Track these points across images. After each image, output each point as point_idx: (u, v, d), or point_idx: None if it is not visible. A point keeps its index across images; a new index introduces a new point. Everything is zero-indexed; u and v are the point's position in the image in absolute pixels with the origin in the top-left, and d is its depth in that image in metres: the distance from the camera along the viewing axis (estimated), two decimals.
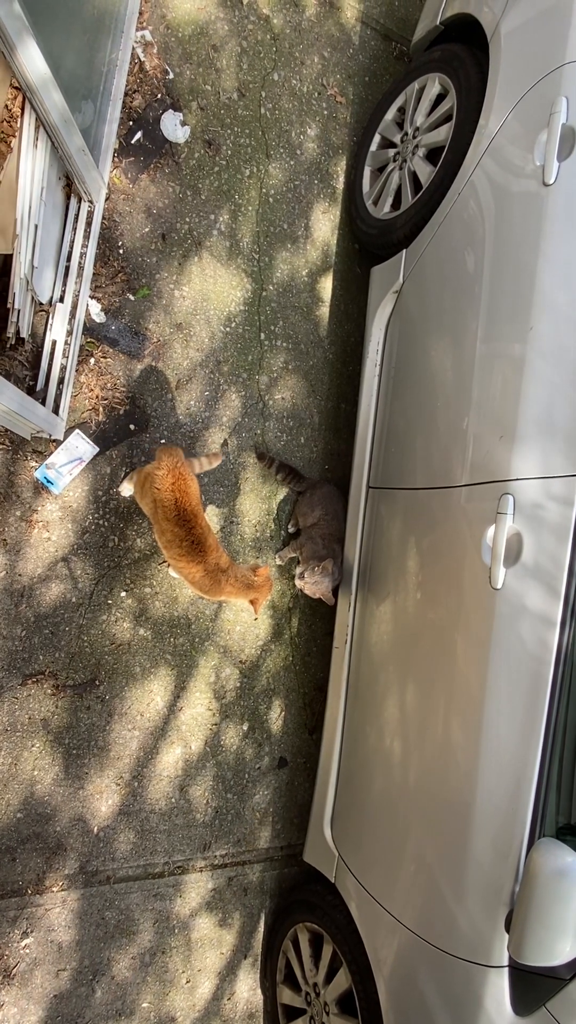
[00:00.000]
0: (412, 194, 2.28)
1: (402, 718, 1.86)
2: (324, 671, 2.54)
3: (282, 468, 2.40)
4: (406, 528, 1.98)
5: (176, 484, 1.72)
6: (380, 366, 2.27)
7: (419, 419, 2.00)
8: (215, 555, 1.82)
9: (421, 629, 1.83)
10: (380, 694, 1.97)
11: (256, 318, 2.43)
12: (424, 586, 1.85)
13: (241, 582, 1.88)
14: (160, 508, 1.72)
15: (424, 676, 1.79)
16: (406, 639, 1.90)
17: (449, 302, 1.93)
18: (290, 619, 2.52)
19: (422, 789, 1.73)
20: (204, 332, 2.31)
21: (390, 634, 1.98)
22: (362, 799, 2.01)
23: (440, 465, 1.85)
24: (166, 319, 2.23)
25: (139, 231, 2.17)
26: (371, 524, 2.19)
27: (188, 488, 1.74)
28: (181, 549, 1.75)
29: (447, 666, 1.69)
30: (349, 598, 2.22)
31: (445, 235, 1.99)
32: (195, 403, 2.29)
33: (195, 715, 2.30)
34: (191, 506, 1.74)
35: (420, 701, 1.79)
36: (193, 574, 1.80)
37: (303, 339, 2.55)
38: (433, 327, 1.99)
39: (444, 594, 1.75)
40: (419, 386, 2.02)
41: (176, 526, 1.72)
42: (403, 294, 2.18)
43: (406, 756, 1.82)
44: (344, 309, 2.66)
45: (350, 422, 2.63)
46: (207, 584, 1.84)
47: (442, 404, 1.89)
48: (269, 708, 2.48)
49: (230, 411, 2.37)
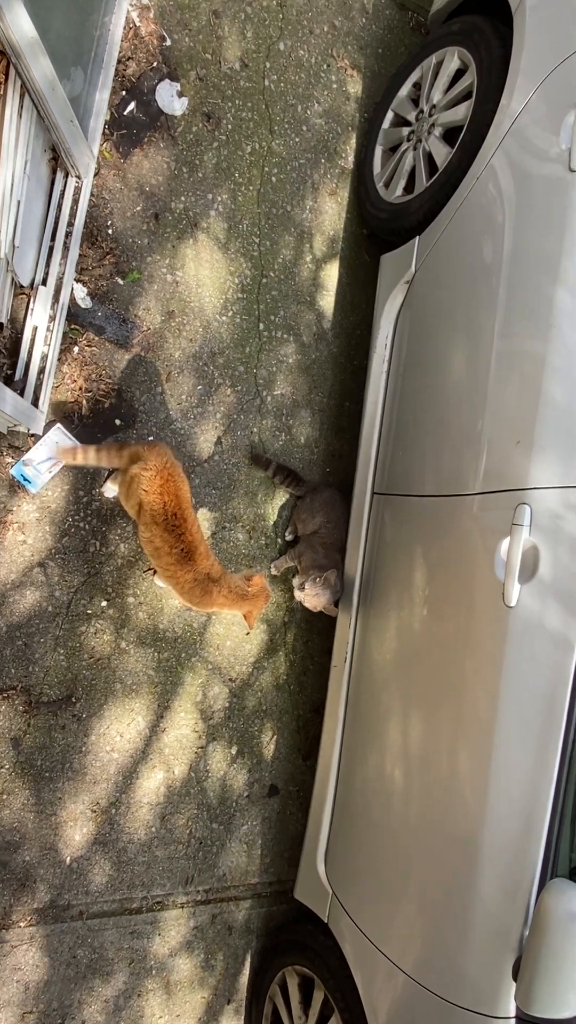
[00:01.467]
0: (427, 177, 2.28)
1: (404, 745, 1.85)
2: (321, 692, 2.53)
3: (280, 470, 2.40)
4: (413, 538, 1.97)
5: (165, 486, 1.71)
6: (388, 361, 2.28)
7: (429, 420, 2.00)
8: (206, 563, 1.81)
9: (427, 648, 1.82)
10: (381, 718, 1.97)
11: (255, 307, 2.43)
12: (431, 602, 1.85)
13: (234, 592, 1.88)
14: (147, 512, 1.71)
15: (429, 699, 1.78)
16: (411, 659, 1.89)
17: (465, 294, 1.92)
18: (285, 634, 2.53)
19: (425, 822, 1.72)
20: (198, 321, 2.30)
21: (393, 653, 1.98)
22: (359, 832, 2.01)
23: (451, 471, 1.85)
24: (157, 306, 2.22)
25: (130, 210, 2.16)
26: (375, 533, 2.19)
27: (178, 490, 1.73)
28: (170, 557, 1.74)
29: (455, 689, 1.69)
30: (350, 613, 2.22)
31: (462, 222, 1.99)
32: (187, 397, 2.29)
33: (179, 737, 2.29)
34: (181, 510, 1.73)
35: (424, 726, 1.79)
36: (182, 583, 1.79)
37: (305, 331, 2.55)
38: (447, 321, 1.99)
39: (453, 611, 1.75)
40: (430, 384, 2.02)
41: (165, 532, 1.72)
42: (415, 284, 2.19)
43: (408, 786, 1.81)
44: (351, 299, 2.66)
45: (354, 422, 2.62)
46: (197, 594, 1.83)
47: (455, 404, 1.89)
48: (260, 731, 2.47)
49: (225, 407, 2.37)
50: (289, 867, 2.48)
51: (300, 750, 2.56)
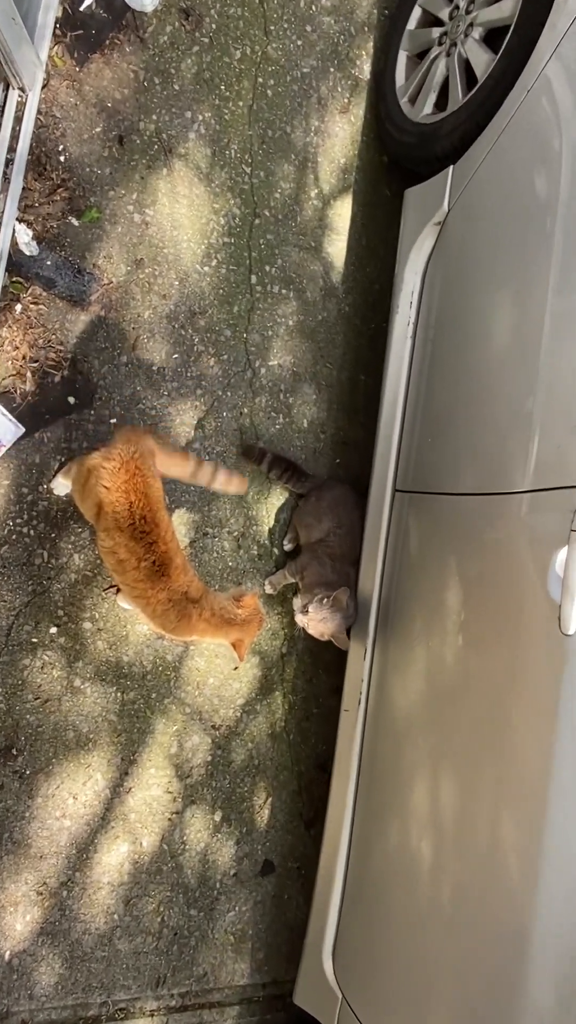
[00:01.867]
0: (463, 90, 2.30)
1: (434, 811, 1.85)
2: (328, 743, 2.51)
3: (277, 463, 2.41)
4: (444, 548, 1.98)
5: (131, 483, 1.69)
6: (414, 324, 2.29)
7: (466, 399, 2.00)
8: (183, 579, 1.81)
9: (463, 688, 1.83)
10: (404, 776, 1.97)
11: (246, 255, 2.42)
12: (467, 629, 1.85)
13: (219, 617, 1.87)
14: (109, 515, 1.70)
15: (466, 753, 1.78)
16: (442, 701, 1.90)
17: (512, 239, 1.92)
18: (283, 669, 2.52)
19: (460, 909, 1.72)
20: (173, 272, 2.29)
21: (420, 694, 1.99)
22: (377, 921, 2.02)
23: (493, 463, 1.85)
24: (122, 253, 2.22)
25: (87, 131, 2.16)
26: (397, 541, 2.20)
27: (148, 488, 1.72)
28: (137, 572, 1.73)
29: (498, 740, 1.68)
30: (364, 643, 2.22)
31: (507, 147, 1.99)
32: (159, 369, 2.28)
33: (148, 800, 2.28)
34: (151, 513, 1.72)
35: (460, 787, 1.79)
36: (153, 605, 1.79)
37: (309, 285, 2.54)
38: (488, 273, 1.99)
39: (495, 640, 1.74)
40: (467, 353, 2.02)
41: (131, 540, 1.71)
42: (448, 227, 2.20)
43: (438, 863, 1.81)
44: (367, 245, 2.65)
45: (371, 400, 2.59)
46: (172, 619, 1.82)
47: (498, 379, 1.89)
48: (251, 792, 2.46)
49: (207, 381, 2.37)
50: (287, 965, 2.49)
51: (302, 816, 2.55)
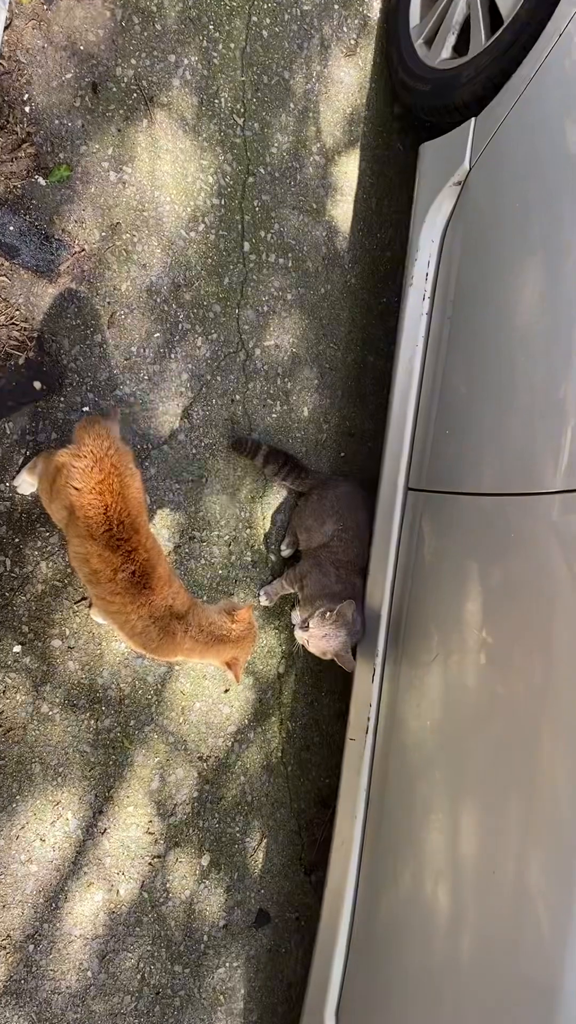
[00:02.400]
0: (487, 32, 2.26)
1: (453, 853, 1.81)
2: (331, 776, 2.50)
3: (273, 457, 2.37)
4: (464, 554, 1.96)
5: (106, 483, 1.65)
6: (430, 299, 2.26)
7: (490, 384, 1.97)
8: (166, 592, 1.77)
9: (486, 713, 1.79)
10: (418, 814, 1.95)
11: (238, 219, 2.38)
12: (492, 645, 1.81)
13: (208, 633, 1.83)
14: (81, 520, 1.65)
15: (490, 788, 1.74)
16: (462, 728, 1.87)
17: (542, 201, 1.88)
18: (280, 692, 2.48)
19: (482, 964, 1.68)
20: (155, 239, 2.25)
21: (436, 720, 1.96)
22: (386, 978, 1.98)
23: (520, 458, 1.82)
24: (95, 217, 2.16)
25: (56, 78, 2.12)
26: (410, 547, 2.18)
27: (125, 489, 1.68)
28: (113, 584, 1.68)
29: (527, 772, 1.64)
30: (373, 663, 2.20)
31: (537, 97, 1.95)
32: (138, 350, 2.23)
33: (126, 842, 2.23)
34: (130, 517, 1.67)
35: (482, 827, 1.75)
36: (132, 622, 1.74)
37: (311, 253, 2.51)
38: (516, 240, 1.95)
39: (523, 658, 1.71)
40: (491, 332, 1.99)
41: (106, 548, 1.65)
42: (469, 187, 2.16)
43: (458, 913, 1.78)
44: (376, 208, 2.63)
45: (381, 386, 2.61)
46: (153, 638, 1.77)
47: (526, 362, 1.85)
48: (244, 833, 2.41)
49: (193, 364, 2.32)
50: None
51: (301, 860, 2.52)
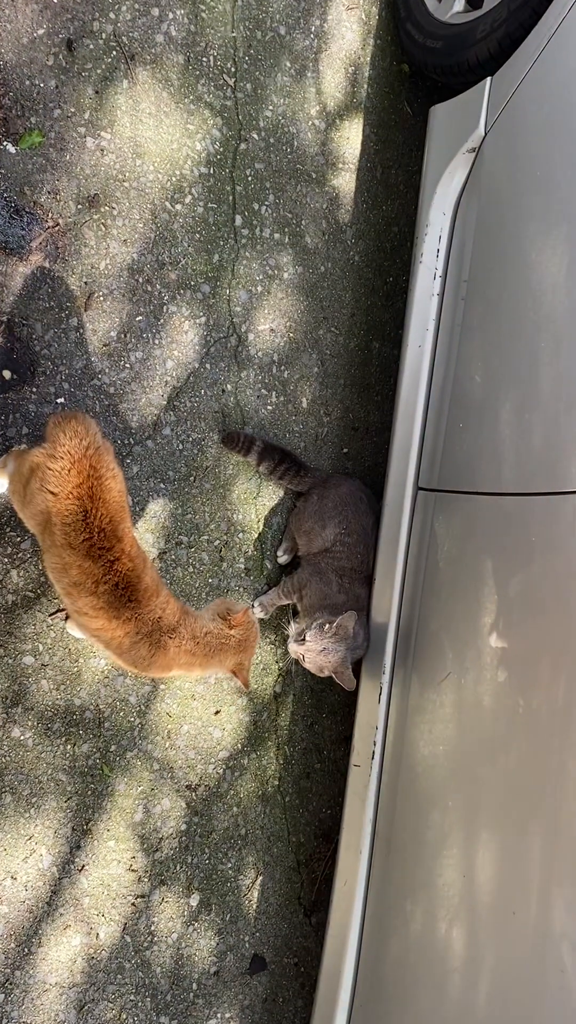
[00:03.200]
0: None
1: (469, 891, 1.80)
2: (333, 806, 2.50)
3: (269, 454, 2.35)
4: (481, 561, 1.95)
5: (85, 486, 1.64)
6: (442, 278, 2.25)
7: (509, 372, 1.96)
8: (154, 603, 1.76)
9: (506, 736, 1.78)
10: (431, 847, 1.94)
11: (228, 189, 2.36)
12: (512, 661, 1.81)
13: (206, 644, 1.84)
14: (58, 528, 1.64)
15: (510, 818, 1.74)
16: (479, 753, 1.86)
17: (566, 169, 1.86)
18: (276, 714, 2.46)
19: (501, 1015, 1.67)
20: (137, 212, 2.23)
21: (450, 744, 1.95)
22: None
23: (544, 454, 1.82)
24: (71, 188, 2.14)
25: (27, 35, 2.10)
26: (420, 553, 2.17)
27: (106, 491, 1.67)
28: (95, 598, 1.67)
29: (551, 801, 1.64)
30: (379, 681, 2.18)
31: (559, 55, 1.93)
32: (119, 335, 2.21)
33: (107, 880, 2.20)
34: (112, 523, 1.66)
35: (502, 861, 1.74)
36: (117, 639, 1.74)
37: (310, 228, 2.49)
38: (537, 212, 1.94)
39: (548, 676, 1.70)
40: (510, 315, 1.99)
41: (86, 559, 1.65)
42: (485, 154, 2.14)
43: (475, 957, 1.77)
44: (382, 178, 2.61)
45: (387, 375, 2.60)
46: (143, 655, 1.77)
47: (550, 347, 1.84)
48: (237, 870, 2.38)
49: (180, 351, 2.30)
50: None
51: (300, 900, 2.49)
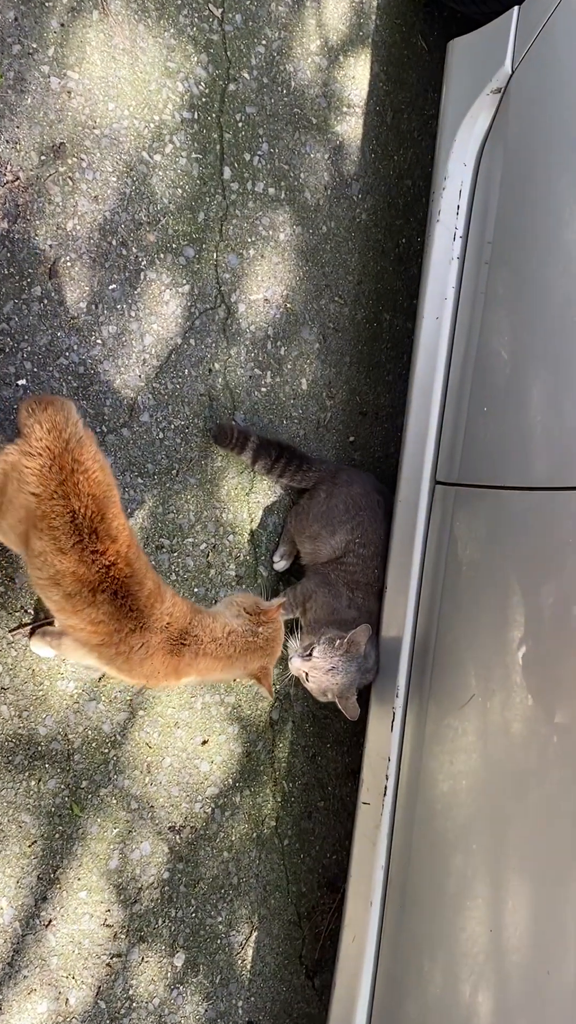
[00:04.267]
0: None
1: (496, 947, 1.77)
2: (340, 851, 2.49)
3: (265, 449, 2.31)
4: (510, 565, 1.94)
5: (70, 481, 1.61)
6: (463, 240, 2.23)
7: (539, 348, 1.96)
8: (161, 608, 1.75)
9: (538, 769, 1.77)
10: (452, 897, 1.91)
11: (216, 137, 2.33)
12: (544, 681, 1.79)
13: (230, 644, 1.83)
14: (44, 531, 1.62)
15: (542, 863, 1.72)
16: (507, 788, 1.83)
17: None
18: (273, 744, 2.43)
19: None
20: (109, 163, 2.20)
21: (474, 778, 1.93)
22: None
23: None
24: (33, 135, 2.10)
25: None
26: (439, 557, 2.15)
27: (93, 485, 1.64)
28: (95, 610, 1.66)
29: None
30: (391, 706, 2.16)
31: None
32: (89, 307, 2.18)
33: (77, 937, 2.17)
34: (104, 522, 1.64)
35: (534, 913, 1.72)
36: (124, 654, 1.72)
37: (309, 182, 2.47)
38: (572, 163, 1.94)
39: None
40: (541, 282, 1.97)
41: (80, 565, 1.62)
42: (511, 96, 2.13)
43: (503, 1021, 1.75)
44: (393, 124, 2.60)
45: (400, 351, 2.57)
46: (158, 668, 1.76)
47: None
48: (229, 924, 2.36)
49: (160, 324, 2.27)
50: None
51: (301, 958, 2.46)
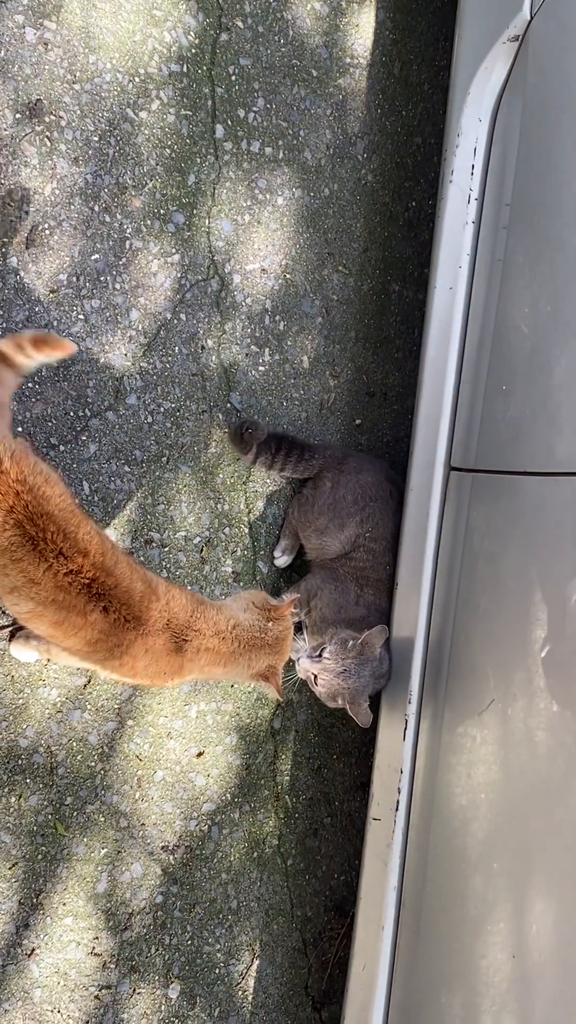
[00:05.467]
0: None
1: (520, 976, 1.77)
2: (348, 872, 2.49)
3: (264, 443, 2.31)
4: (533, 559, 1.94)
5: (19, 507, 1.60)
6: (478, 202, 2.23)
7: (564, 320, 1.96)
8: (156, 608, 1.76)
9: (565, 780, 1.76)
10: (472, 922, 1.91)
11: (207, 92, 2.34)
12: (569, 686, 1.80)
13: (233, 639, 1.86)
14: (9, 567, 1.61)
15: (571, 882, 1.71)
16: (530, 803, 1.84)
17: None
18: (274, 756, 2.45)
19: None
20: (91, 122, 2.20)
21: (495, 791, 1.93)
22: None
23: None
24: (7, 92, 2.11)
25: None
26: (454, 550, 2.17)
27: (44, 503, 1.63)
28: (88, 631, 1.67)
29: None
30: (404, 713, 2.17)
31: None
32: (69, 279, 2.19)
33: (62, 967, 2.18)
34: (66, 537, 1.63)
35: (562, 938, 1.71)
36: (127, 664, 1.75)
37: (310, 140, 2.48)
38: None
39: None
40: (564, 247, 1.97)
41: (57, 591, 1.63)
42: (531, 44, 2.12)
43: None
44: (401, 76, 2.62)
45: (410, 326, 2.60)
46: (164, 668, 1.79)
47: None
48: (228, 952, 2.37)
49: (148, 298, 2.28)
50: None
51: (307, 990, 2.47)
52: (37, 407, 2.09)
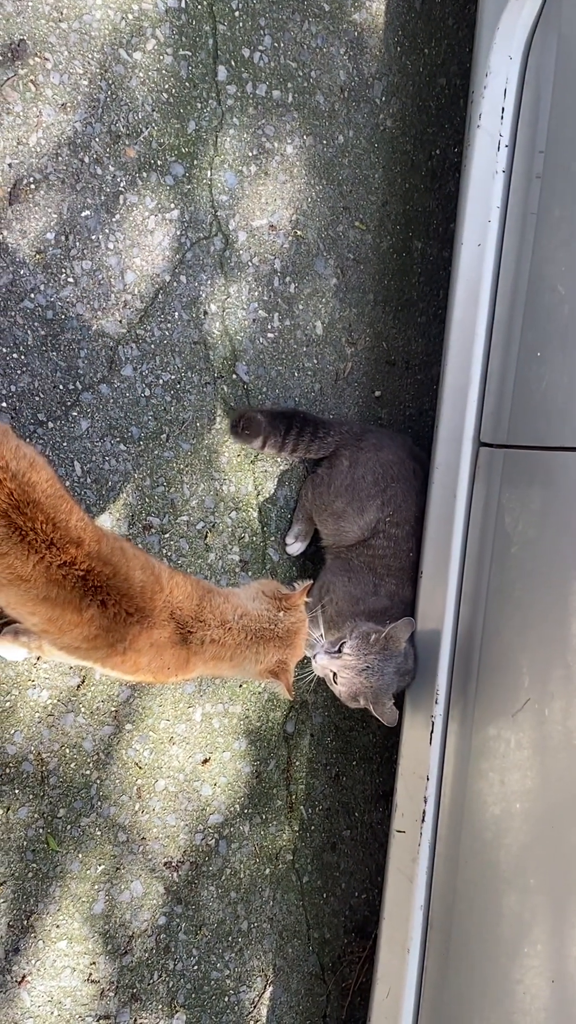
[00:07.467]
0: None
1: (560, 1003, 1.80)
2: (370, 889, 2.48)
3: (271, 424, 2.31)
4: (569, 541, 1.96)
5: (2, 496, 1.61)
6: (509, 149, 2.24)
7: None
8: (160, 598, 1.78)
9: None
10: (506, 943, 1.93)
11: (207, 30, 2.35)
12: None
13: (240, 629, 1.86)
14: None
15: None
16: (568, 812, 1.86)
17: None
18: (288, 763, 2.46)
19: None
20: (80, 64, 2.21)
21: (531, 800, 1.95)
22: None
23: None
24: None
25: None
26: (484, 532, 2.18)
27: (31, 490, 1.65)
28: (86, 627, 1.70)
29: None
30: (430, 714, 2.19)
31: None
32: (57, 238, 2.19)
33: (56, 994, 2.20)
34: (58, 530, 1.66)
35: None
36: (131, 660, 1.77)
37: (322, 83, 2.48)
38: None
39: None
40: None
41: (49, 585, 1.65)
42: None
43: None
44: (422, 10, 2.62)
45: (435, 287, 2.59)
46: (169, 662, 1.80)
47: None
48: (239, 978, 2.38)
49: (144, 258, 2.28)
50: None
51: (326, 1018, 2.48)
52: (23, 380, 2.09)
